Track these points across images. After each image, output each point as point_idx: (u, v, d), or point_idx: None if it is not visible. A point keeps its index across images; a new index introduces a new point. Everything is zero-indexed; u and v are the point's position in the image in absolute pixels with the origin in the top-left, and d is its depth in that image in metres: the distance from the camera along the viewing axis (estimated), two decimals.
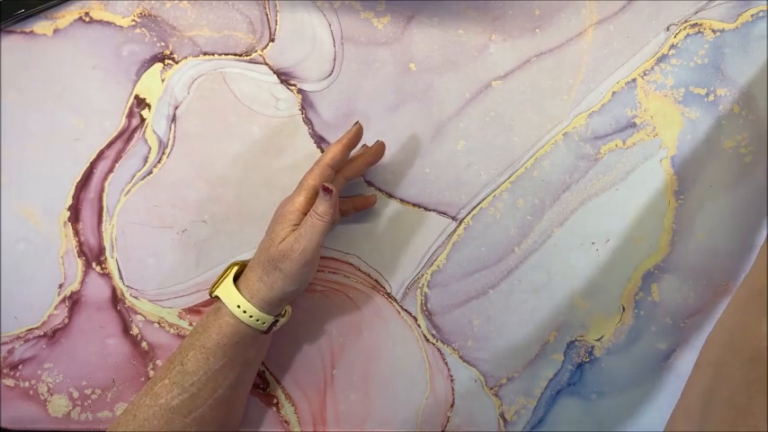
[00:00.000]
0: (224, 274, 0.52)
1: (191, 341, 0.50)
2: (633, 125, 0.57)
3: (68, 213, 0.57)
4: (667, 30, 0.57)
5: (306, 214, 0.50)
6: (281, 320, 0.52)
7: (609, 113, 0.57)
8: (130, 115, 0.57)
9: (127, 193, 0.57)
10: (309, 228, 0.48)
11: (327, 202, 0.48)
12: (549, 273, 0.58)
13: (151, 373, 0.58)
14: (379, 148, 0.54)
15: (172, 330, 0.58)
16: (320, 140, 0.57)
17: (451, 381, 0.58)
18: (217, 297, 0.50)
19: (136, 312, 0.58)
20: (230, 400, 0.51)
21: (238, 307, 0.49)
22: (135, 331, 0.58)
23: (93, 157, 0.57)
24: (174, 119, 0.57)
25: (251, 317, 0.49)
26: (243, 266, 0.52)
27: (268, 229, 0.51)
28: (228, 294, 0.50)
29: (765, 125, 0.57)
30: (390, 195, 0.58)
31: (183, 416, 0.49)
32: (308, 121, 0.57)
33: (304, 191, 0.50)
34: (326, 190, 0.48)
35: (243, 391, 0.54)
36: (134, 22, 0.57)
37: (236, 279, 0.51)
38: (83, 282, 0.57)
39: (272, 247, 0.49)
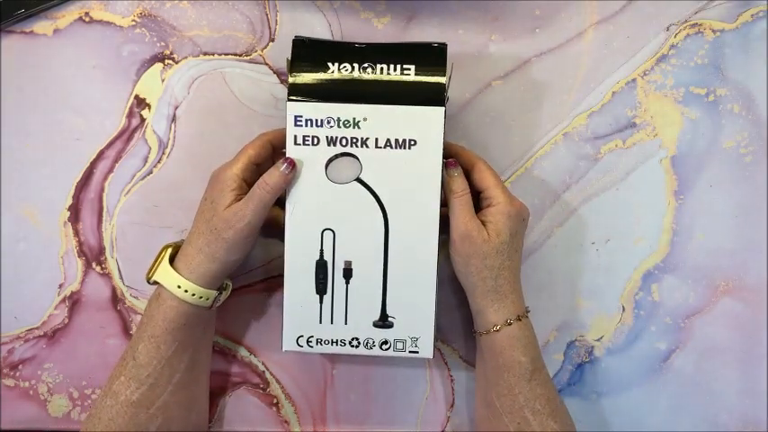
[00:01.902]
0: (158, 257, 0.51)
1: (138, 334, 0.50)
2: (633, 125, 0.57)
3: (68, 213, 0.57)
4: (667, 30, 0.57)
5: (244, 181, 0.49)
6: (224, 294, 0.52)
7: (609, 113, 0.57)
8: (130, 115, 0.57)
9: (127, 193, 0.57)
10: (258, 200, 0.47)
11: (284, 175, 0.48)
12: (549, 273, 0.58)
13: None
14: None
15: None
16: None
17: (451, 381, 0.58)
18: (156, 283, 0.50)
19: (136, 312, 0.58)
20: (190, 382, 0.52)
21: (179, 287, 0.49)
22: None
23: (93, 157, 0.57)
24: (174, 119, 0.57)
25: (193, 295, 0.49)
26: (176, 247, 0.51)
27: (205, 197, 0.50)
28: (167, 277, 0.49)
29: (765, 125, 0.57)
30: None
31: (146, 408, 0.49)
32: None
33: (244, 156, 0.50)
34: (289, 161, 0.48)
35: (202, 372, 0.54)
36: (134, 22, 0.57)
37: (171, 261, 0.50)
38: (83, 282, 0.57)
39: (215, 217, 0.48)
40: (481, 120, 0.57)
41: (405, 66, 0.49)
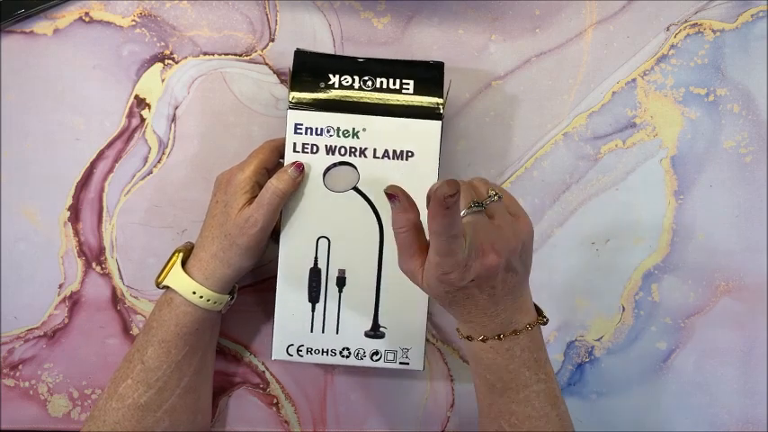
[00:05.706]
0: (169, 262, 0.50)
1: (147, 338, 0.50)
2: (633, 125, 0.57)
3: (68, 213, 0.57)
4: (667, 30, 0.57)
5: (257, 183, 0.49)
6: (234, 297, 0.53)
7: (609, 113, 0.57)
8: (130, 115, 0.57)
9: (127, 193, 0.57)
10: (267, 204, 0.47)
11: (292, 179, 0.48)
12: (549, 273, 0.58)
13: None
14: None
15: None
16: None
17: (451, 381, 0.58)
18: (165, 287, 0.50)
19: (136, 312, 0.58)
20: (197, 385, 0.52)
21: (194, 293, 0.49)
22: (135, 331, 0.58)
23: (93, 157, 0.57)
24: (174, 119, 0.57)
25: (208, 300, 0.49)
26: (187, 252, 0.51)
27: (217, 200, 0.50)
28: (181, 282, 0.49)
29: (765, 125, 0.57)
30: None
31: (153, 411, 0.49)
32: None
33: (255, 160, 0.50)
34: (297, 164, 0.48)
35: (207, 375, 0.54)
36: (134, 22, 0.57)
37: (182, 265, 0.50)
38: (83, 282, 0.57)
39: (228, 222, 0.48)
40: (481, 120, 0.57)
41: (404, 81, 0.50)
